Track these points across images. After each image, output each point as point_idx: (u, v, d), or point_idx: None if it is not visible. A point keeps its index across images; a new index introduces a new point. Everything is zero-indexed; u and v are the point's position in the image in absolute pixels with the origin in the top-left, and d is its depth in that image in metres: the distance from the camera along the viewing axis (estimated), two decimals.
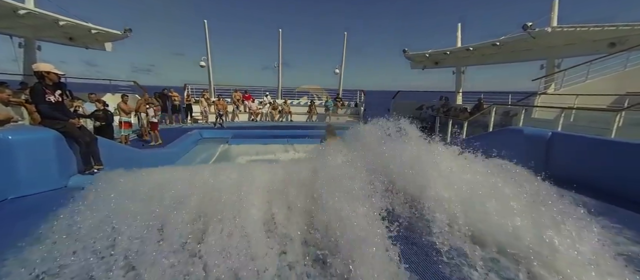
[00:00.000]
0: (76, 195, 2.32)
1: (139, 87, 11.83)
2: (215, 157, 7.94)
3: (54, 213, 2.08)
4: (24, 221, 2.34)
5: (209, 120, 12.07)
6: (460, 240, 2.00)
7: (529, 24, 7.63)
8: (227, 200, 2.16)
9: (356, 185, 2.21)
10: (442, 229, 2.06)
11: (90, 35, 9.55)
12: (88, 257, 1.67)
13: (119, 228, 1.85)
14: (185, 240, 1.82)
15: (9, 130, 3.10)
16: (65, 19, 8.04)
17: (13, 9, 6.71)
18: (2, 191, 2.73)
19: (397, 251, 1.72)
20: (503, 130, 5.11)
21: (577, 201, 2.31)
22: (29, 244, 1.79)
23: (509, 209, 2.03)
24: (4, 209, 2.58)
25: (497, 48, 9.40)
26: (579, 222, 1.91)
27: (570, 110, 6.42)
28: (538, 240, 1.78)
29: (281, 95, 15.01)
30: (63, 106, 3.47)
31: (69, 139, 3.31)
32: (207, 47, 12.97)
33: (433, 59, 12.92)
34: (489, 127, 7.27)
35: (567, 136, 3.82)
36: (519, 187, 2.30)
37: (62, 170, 3.18)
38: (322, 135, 6.08)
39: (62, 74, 3.48)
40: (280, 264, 1.74)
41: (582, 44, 7.99)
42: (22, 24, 7.55)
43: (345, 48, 15.04)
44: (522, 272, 1.70)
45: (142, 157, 5.44)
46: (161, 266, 1.59)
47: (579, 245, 1.73)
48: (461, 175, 2.49)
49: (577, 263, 1.64)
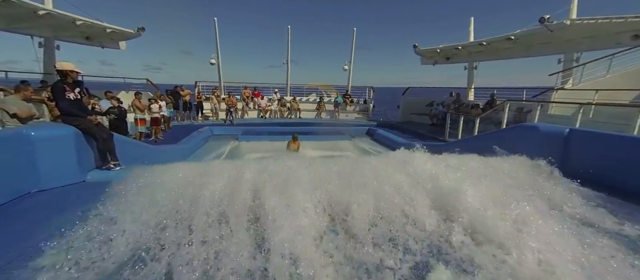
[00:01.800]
0: (98, 190, 2.41)
1: (151, 85, 12.12)
2: (226, 153, 8.07)
3: (76, 206, 2.18)
4: (45, 213, 2.46)
5: (219, 117, 12.26)
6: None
7: (547, 17, 7.32)
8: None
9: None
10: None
11: (106, 34, 9.82)
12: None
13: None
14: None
15: (31, 126, 3.25)
16: (82, 18, 8.29)
17: (33, 10, 6.97)
18: (26, 185, 2.86)
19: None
20: (517, 127, 4.96)
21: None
22: (55, 233, 1.89)
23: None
24: (28, 201, 2.71)
25: (511, 42, 9.09)
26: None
27: (589, 107, 6.16)
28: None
29: (290, 92, 15.04)
30: (81, 103, 3.60)
31: (86, 135, 3.43)
32: (217, 45, 13.11)
33: (444, 54, 12.62)
34: (502, 123, 7.08)
35: (587, 133, 3.67)
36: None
37: (80, 166, 3.30)
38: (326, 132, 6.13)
39: (81, 72, 3.61)
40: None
41: (604, 36, 7.62)
42: (42, 24, 7.84)
43: (354, 44, 14.90)
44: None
45: (155, 153, 5.60)
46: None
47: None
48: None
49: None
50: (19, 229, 2.18)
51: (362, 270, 1.70)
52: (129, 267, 1.63)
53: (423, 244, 1.98)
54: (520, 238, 1.86)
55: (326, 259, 1.75)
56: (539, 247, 1.79)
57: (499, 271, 1.69)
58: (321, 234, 1.99)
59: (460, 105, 11.14)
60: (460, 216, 2.14)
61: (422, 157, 2.96)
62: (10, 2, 6.25)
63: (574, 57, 8.41)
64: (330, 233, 2.06)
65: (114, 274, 1.60)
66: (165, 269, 1.62)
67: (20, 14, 7.13)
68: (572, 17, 7.26)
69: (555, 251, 1.76)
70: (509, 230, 1.93)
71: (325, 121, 13.59)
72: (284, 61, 14.78)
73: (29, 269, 1.61)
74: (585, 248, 1.82)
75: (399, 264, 1.76)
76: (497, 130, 6.55)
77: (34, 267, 1.63)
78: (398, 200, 2.35)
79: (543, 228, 1.93)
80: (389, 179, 2.56)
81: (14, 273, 1.59)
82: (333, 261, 1.75)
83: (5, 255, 1.76)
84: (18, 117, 4.11)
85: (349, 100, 14.92)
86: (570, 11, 7.40)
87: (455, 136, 8.17)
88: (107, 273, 1.60)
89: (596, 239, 1.97)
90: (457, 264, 1.78)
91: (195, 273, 1.59)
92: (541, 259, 1.73)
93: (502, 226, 1.96)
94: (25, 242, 1.89)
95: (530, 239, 1.84)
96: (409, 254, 1.86)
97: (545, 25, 7.39)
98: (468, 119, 8.12)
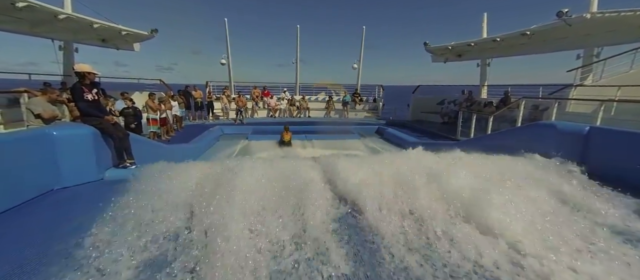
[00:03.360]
0: (115, 187, 2.49)
1: (164, 85, 12.41)
2: (236, 152, 8.19)
3: (96, 202, 2.27)
4: (68, 208, 2.57)
5: (230, 116, 12.44)
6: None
7: (565, 11, 7.02)
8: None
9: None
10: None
11: (121, 37, 10.11)
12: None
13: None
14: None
15: (53, 126, 3.39)
16: (99, 21, 8.57)
17: (54, 14, 7.27)
18: (49, 182, 2.99)
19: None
20: (532, 125, 4.80)
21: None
22: (78, 229, 1.97)
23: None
24: (51, 198, 2.84)
25: (527, 38, 8.78)
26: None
27: (611, 104, 5.89)
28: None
29: (299, 91, 15.08)
30: (99, 104, 3.73)
31: (104, 134, 3.55)
32: (227, 45, 13.28)
33: (456, 51, 12.34)
34: (517, 122, 6.87)
35: (609, 131, 3.51)
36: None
37: (99, 164, 3.43)
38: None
39: (98, 73, 3.74)
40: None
41: (626, 30, 7.25)
42: (61, 27, 8.15)
43: (363, 43, 14.78)
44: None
45: (168, 152, 5.73)
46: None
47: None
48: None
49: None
50: (44, 223, 2.29)
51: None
52: (150, 260, 1.69)
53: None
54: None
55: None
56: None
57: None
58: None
59: (473, 103, 10.89)
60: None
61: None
62: (32, 7, 6.52)
63: (594, 52, 8.05)
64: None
65: (136, 269, 1.65)
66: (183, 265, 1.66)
67: (42, 19, 7.44)
68: (592, 10, 6.94)
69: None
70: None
71: (335, 120, 13.57)
72: (293, 60, 14.83)
73: (55, 263, 1.69)
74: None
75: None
76: (511, 128, 6.37)
77: (61, 261, 1.71)
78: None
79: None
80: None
81: (43, 267, 1.67)
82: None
83: (33, 248, 1.85)
84: (41, 118, 4.30)
85: (358, 99, 14.83)
86: (591, 4, 7.08)
87: (467, 135, 7.99)
88: (130, 269, 1.65)
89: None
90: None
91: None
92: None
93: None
94: (51, 236, 1.98)
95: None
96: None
97: (563, 19, 7.09)
98: (481, 117, 7.92)
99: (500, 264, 1.75)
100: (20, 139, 2.83)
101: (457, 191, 2.31)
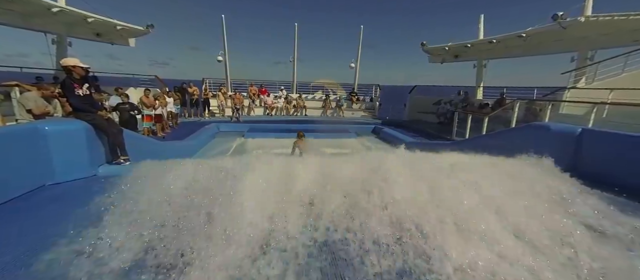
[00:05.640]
0: (108, 184, 2.46)
1: (159, 81, 12.29)
2: (232, 149, 8.15)
3: (89, 198, 2.23)
4: (60, 204, 2.53)
5: (226, 113, 12.37)
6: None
7: (560, 14, 7.11)
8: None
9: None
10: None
11: (116, 32, 9.98)
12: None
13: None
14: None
15: (45, 121, 3.34)
16: (93, 15, 8.44)
17: (47, 7, 7.13)
18: (40, 178, 2.95)
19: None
20: (526, 126, 4.86)
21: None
22: (70, 225, 1.94)
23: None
24: (43, 193, 2.79)
25: (522, 40, 8.88)
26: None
27: (603, 106, 5.99)
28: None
29: (296, 89, 15.05)
30: (91, 99, 3.66)
31: (97, 130, 3.50)
32: (224, 42, 13.18)
33: (453, 52, 12.43)
34: (511, 123, 6.95)
35: (600, 133, 3.57)
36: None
37: (92, 160, 3.38)
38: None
39: (87, 67, 3.60)
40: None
41: (620, 34, 7.38)
42: (55, 21, 8.02)
43: (360, 42, 14.80)
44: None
45: (163, 149, 5.69)
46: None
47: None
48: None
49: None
50: (35, 219, 2.25)
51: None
52: (140, 256, 1.68)
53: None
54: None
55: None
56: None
57: None
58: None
59: (469, 104, 10.98)
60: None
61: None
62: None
63: (588, 55, 8.18)
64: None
65: (127, 264, 1.63)
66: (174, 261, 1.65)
67: (35, 11, 7.30)
68: (586, 14, 7.04)
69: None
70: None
71: (331, 119, 13.59)
72: (290, 58, 14.79)
73: (45, 259, 1.66)
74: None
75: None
76: (505, 129, 6.44)
77: (52, 257, 1.68)
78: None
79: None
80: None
81: (32, 263, 1.65)
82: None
83: (26, 243, 1.83)
84: (33, 113, 4.23)
85: (355, 98, 14.86)
86: (585, 7, 7.18)
87: (462, 135, 8.06)
88: (121, 265, 1.64)
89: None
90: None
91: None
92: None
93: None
94: (42, 232, 1.95)
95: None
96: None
97: (558, 22, 7.19)
98: (476, 118, 8.00)
99: (478, 266, 1.69)
100: (10, 133, 2.78)
101: (442, 189, 2.30)
